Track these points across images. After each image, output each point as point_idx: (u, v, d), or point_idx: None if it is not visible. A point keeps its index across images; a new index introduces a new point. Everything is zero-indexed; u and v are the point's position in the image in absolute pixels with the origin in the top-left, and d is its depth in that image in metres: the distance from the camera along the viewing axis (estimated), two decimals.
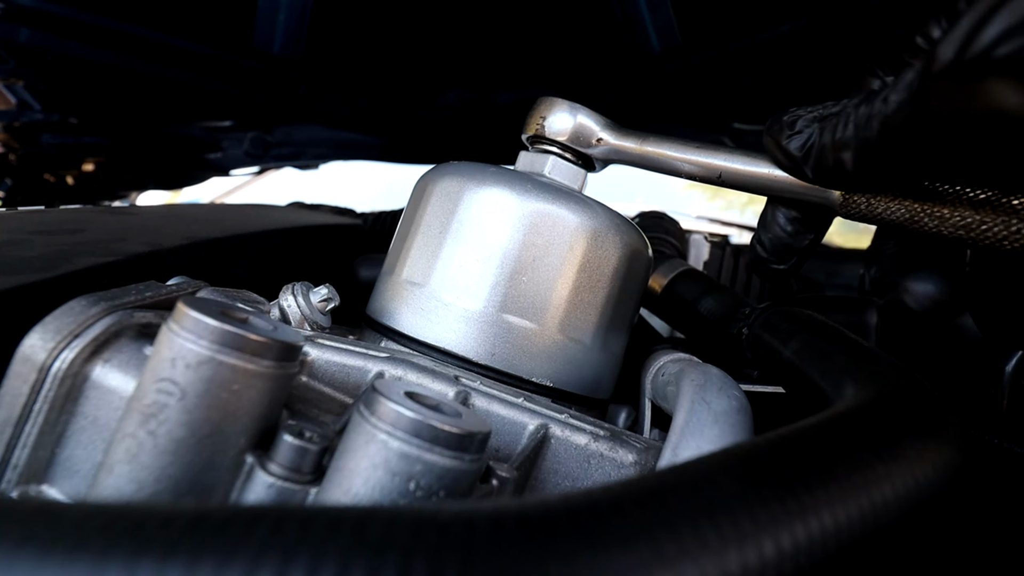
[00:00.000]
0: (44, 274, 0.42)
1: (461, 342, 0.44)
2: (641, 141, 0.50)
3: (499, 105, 1.46)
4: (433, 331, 0.44)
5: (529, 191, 0.45)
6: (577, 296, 0.45)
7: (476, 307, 0.44)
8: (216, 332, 0.26)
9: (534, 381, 0.44)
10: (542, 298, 0.44)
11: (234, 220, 0.72)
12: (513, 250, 0.44)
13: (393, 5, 1.27)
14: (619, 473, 0.37)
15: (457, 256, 0.45)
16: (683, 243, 0.93)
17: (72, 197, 1.55)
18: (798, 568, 0.18)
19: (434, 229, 0.46)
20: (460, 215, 0.45)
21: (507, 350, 0.44)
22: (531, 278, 0.44)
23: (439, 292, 0.45)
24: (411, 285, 0.46)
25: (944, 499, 0.22)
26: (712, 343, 0.59)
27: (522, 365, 0.44)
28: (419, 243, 0.47)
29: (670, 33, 1.18)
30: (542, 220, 0.44)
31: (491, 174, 0.46)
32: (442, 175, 0.48)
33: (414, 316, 0.45)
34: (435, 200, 0.47)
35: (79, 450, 0.30)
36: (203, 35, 1.26)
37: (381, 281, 0.50)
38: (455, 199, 0.46)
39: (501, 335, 0.44)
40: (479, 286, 0.44)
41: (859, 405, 0.26)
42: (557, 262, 0.44)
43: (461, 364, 0.44)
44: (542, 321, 0.44)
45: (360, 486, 0.25)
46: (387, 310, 0.47)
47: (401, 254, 0.48)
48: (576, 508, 0.17)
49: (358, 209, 1.16)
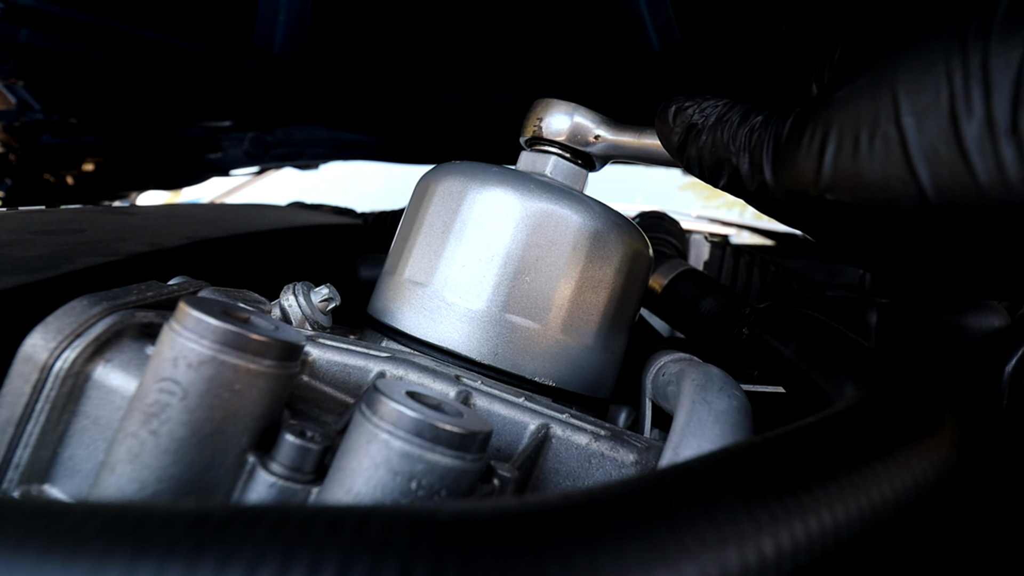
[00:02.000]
0: (45, 274, 0.42)
1: (464, 342, 0.44)
2: (639, 134, 0.50)
3: (498, 105, 1.47)
4: (435, 331, 0.44)
5: (532, 191, 0.45)
6: (579, 296, 0.45)
7: (479, 307, 0.44)
8: (218, 332, 0.26)
9: (536, 380, 0.44)
10: (544, 298, 0.44)
11: (234, 220, 0.72)
12: (516, 250, 0.44)
13: (393, 5, 1.27)
14: (620, 473, 0.37)
15: (460, 256, 0.45)
16: (683, 243, 0.93)
17: (72, 197, 1.56)
18: (797, 567, 0.18)
19: (436, 229, 0.46)
20: (463, 215, 0.45)
21: (509, 350, 0.44)
22: (534, 278, 0.44)
23: (442, 292, 0.45)
24: (413, 284, 0.46)
25: (943, 499, 0.22)
26: (712, 343, 0.59)
27: (524, 365, 0.44)
28: (421, 243, 0.47)
29: (670, 33, 1.18)
30: (545, 220, 0.44)
31: (494, 174, 0.46)
32: (444, 175, 0.48)
33: (416, 316, 0.45)
34: (438, 200, 0.47)
35: (81, 450, 0.30)
36: (203, 35, 1.26)
37: (382, 281, 0.50)
38: (458, 199, 0.46)
39: (504, 335, 0.44)
40: (482, 286, 0.44)
41: (858, 405, 0.26)
42: (560, 262, 0.45)
43: (462, 364, 0.44)
44: (544, 321, 0.44)
45: (362, 485, 0.25)
46: (388, 310, 0.47)
47: (403, 254, 0.48)
48: (576, 507, 0.17)
49: (358, 209, 1.16)
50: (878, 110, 0.28)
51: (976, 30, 0.26)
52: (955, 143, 0.26)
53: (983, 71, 0.25)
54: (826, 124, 0.30)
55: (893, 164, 0.28)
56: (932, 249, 0.30)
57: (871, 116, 0.28)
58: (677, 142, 0.42)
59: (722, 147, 0.37)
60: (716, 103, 0.40)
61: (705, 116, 0.40)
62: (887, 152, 0.28)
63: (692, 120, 0.41)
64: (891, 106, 0.28)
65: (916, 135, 0.27)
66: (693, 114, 0.41)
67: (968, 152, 0.26)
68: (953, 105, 0.26)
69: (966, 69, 0.26)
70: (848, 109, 0.29)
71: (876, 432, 0.23)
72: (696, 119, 0.40)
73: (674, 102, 0.43)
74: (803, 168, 0.31)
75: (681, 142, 0.42)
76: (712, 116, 0.39)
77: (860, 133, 0.29)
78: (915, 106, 0.27)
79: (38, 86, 1.34)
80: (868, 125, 0.28)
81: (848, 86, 0.30)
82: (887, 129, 0.28)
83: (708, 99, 0.41)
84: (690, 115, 0.41)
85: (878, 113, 0.28)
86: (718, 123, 0.39)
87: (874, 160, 0.28)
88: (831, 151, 0.30)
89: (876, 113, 0.28)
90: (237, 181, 1.92)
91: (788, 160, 0.32)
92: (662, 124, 0.43)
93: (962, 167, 0.26)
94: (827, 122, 0.30)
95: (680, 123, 0.42)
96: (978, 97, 0.25)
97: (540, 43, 1.32)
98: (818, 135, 0.30)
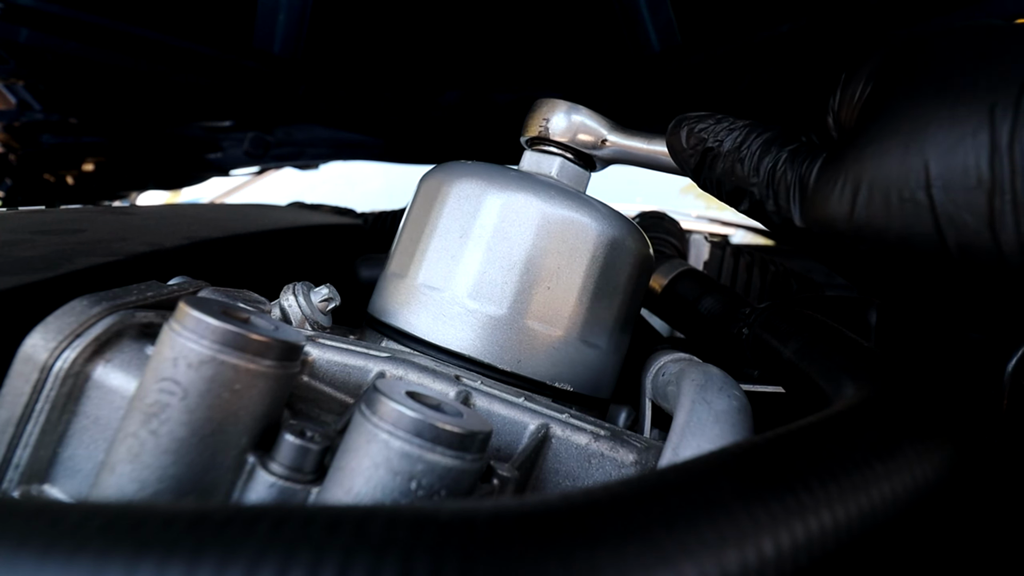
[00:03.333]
0: (45, 274, 0.42)
1: (483, 347, 0.44)
2: (647, 141, 0.50)
3: (498, 105, 1.47)
4: (452, 335, 0.44)
5: (554, 198, 0.45)
6: (596, 302, 0.46)
7: (500, 313, 0.44)
8: (218, 332, 0.26)
9: (535, 380, 0.44)
10: (564, 304, 0.45)
11: (234, 220, 0.72)
12: (538, 257, 0.44)
13: (392, 5, 1.27)
14: (620, 472, 0.37)
15: (481, 261, 0.44)
16: (683, 243, 0.93)
17: (72, 197, 1.56)
18: (797, 567, 0.18)
19: (453, 232, 0.46)
20: (483, 219, 0.45)
21: (530, 356, 0.44)
22: (555, 284, 0.45)
23: (460, 297, 0.44)
24: (429, 289, 0.45)
25: (943, 498, 0.22)
26: (712, 343, 0.59)
27: (526, 365, 0.44)
28: (436, 246, 0.46)
29: (670, 33, 1.18)
30: (567, 228, 0.45)
31: (513, 178, 0.46)
32: (459, 176, 0.47)
33: (430, 320, 0.45)
34: (453, 202, 0.46)
35: (81, 450, 0.30)
36: (203, 35, 1.26)
37: (385, 281, 0.50)
38: (476, 202, 0.45)
39: (526, 341, 0.44)
40: (504, 292, 0.44)
41: (858, 404, 0.26)
42: (580, 270, 0.45)
43: (462, 364, 0.44)
44: (565, 327, 0.45)
45: (362, 485, 0.25)
46: (391, 310, 0.47)
47: (415, 256, 0.47)
48: (576, 507, 0.17)
49: (358, 209, 1.16)
50: (909, 176, 0.30)
51: (1004, 106, 0.27)
52: (982, 216, 0.28)
53: (1010, 150, 0.27)
54: (856, 178, 0.32)
55: (921, 224, 0.30)
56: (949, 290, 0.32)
57: (902, 180, 0.30)
58: (693, 164, 0.43)
59: (743, 178, 0.39)
60: (731, 125, 0.41)
61: (720, 140, 0.41)
62: (916, 215, 0.30)
63: (708, 143, 0.42)
64: (922, 174, 0.29)
65: (945, 204, 0.29)
66: (708, 137, 0.42)
67: (994, 225, 0.28)
68: (980, 179, 0.28)
69: (994, 146, 0.27)
70: (880, 169, 0.31)
71: (876, 432, 0.23)
72: (712, 142, 0.41)
73: (686, 121, 0.43)
74: (833, 215, 0.33)
75: (697, 164, 0.43)
76: (728, 141, 0.41)
77: (890, 193, 0.31)
78: (945, 178, 0.29)
79: (38, 86, 1.34)
80: (898, 188, 0.30)
81: (878, 143, 0.31)
82: (917, 195, 0.30)
83: (722, 119, 0.42)
84: (704, 137, 0.42)
85: (908, 178, 0.30)
86: (737, 151, 0.40)
87: (904, 218, 0.30)
88: (862, 204, 0.32)
89: (907, 178, 0.30)
90: (237, 181, 1.92)
91: (818, 206, 0.34)
92: (675, 142, 0.44)
93: (987, 236, 0.28)
94: (858, 176, 0.32)
95: (694, 144, 0.43)
96: (1006, 175, 0.27)
97: (540, 43, 1.32)
98: (848, 188, 0.32)
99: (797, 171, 0.36)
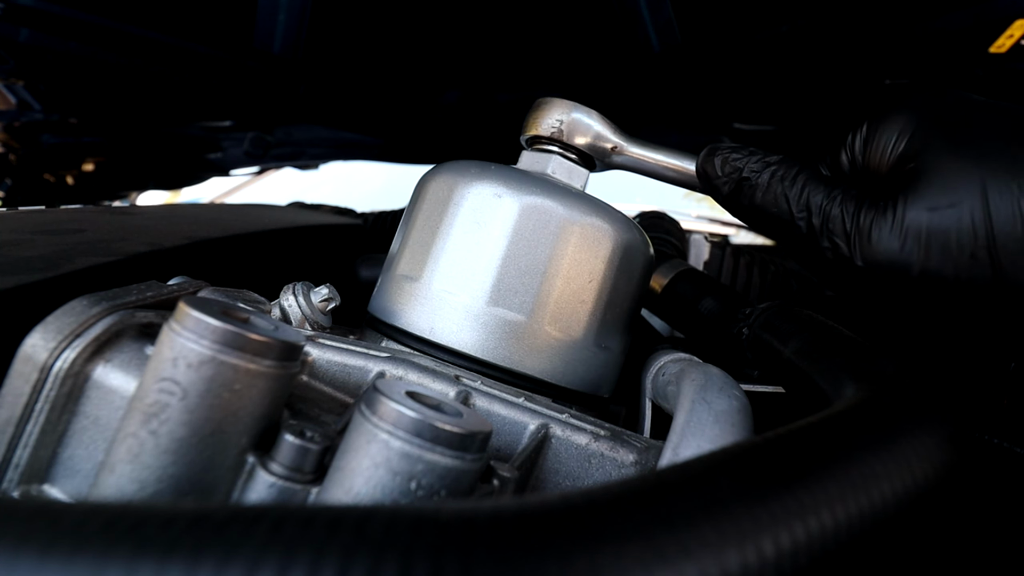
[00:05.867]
0: (45, 274, 0.42)
1: (489, 349, 0.44)
2: (656, 151, 0.51)
3: (498, 104, 1.47)
4: (459, 336, 0.44)
5: (574, 204, 0.45)
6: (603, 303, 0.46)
7: (518, 318, 0.44)
8: (218, 332, 0.26)
9: (535, 377, 0.44)
10: (579, 304, 0.45)
11: (234, 220, 0.72)
12: (557, 262, 0.44)
13: (392, 5, 1.27)
14: (620, 472, 0.37)
15: (498, 266, 0.44)
16: (683, 243, 0.93)
17: (72, 197, 1.56)
18: (797, 566, 0.18)
19: (471, 237, 0.45)
20: (502, 225, 0.45)
21: (537, 357, 0.44)
22: (565, 286, 0.45)
23: (478, 302, 0.44)
24: (445, 293, 0.45)
25: (943, 498, 0.22)
26: (712, 343, 0.59)
27: (533, 366, 0.44)
28: (452, 249, 0.45)
29: (670, 33, 1.18)
30: (588, 234, 0.45)
31: (532, 183, 0.46)
32: (475, 178, 0.47)
33: (438, 320, 0.45)
34: (470, 205, 0.46)
35: (80, 450, 0.30)
36: (203, 35, 1.26)
37: (390, 282, 0.49)
38: (494, 206, 0.45)
39: (540, 345, 0.44)
40: (525, 297, 0.44)
41: (858, 404, 0.26)
42: (597, 274, 0.45)
43: (462, 364, 0.44)
44: (580, 331, 0.45)
45: (361, 485, 0.25)
46: (388, 308, 0.47)
47: (429, 259, 0.46)
48: (576, 507, 0.17)
49: (358, 209, 1.16)
50: (967, 235, 0.35)
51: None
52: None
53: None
54: (916, 233, 0.36)
55: (980, 271, 0.35)
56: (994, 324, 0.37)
57: (961, 238, 0.35)
58: (727, 191, 0.45)
59: (785, 213, 0.42)
60: (765, 158, 0.43)
61: (756, 171, 0.43)
62: (978, 267, 0.35)
63: (743, 173, 0.44)
64: (984, 236, 0.35)
65: (1004, 260, 0.34)
66: (742, 167, 0.44)
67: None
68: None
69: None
70: (939, 227, 0.36)
71: (876, 432, 0.23)
72: (747, 173, 0.43)
73: (719, 151, 0.45)
74: (895, 263, 0.37)
75: (732, 193, 0.45)
76: (765, 173, 0.43)
77: (951, 247, 0.35)
78: (1000, 238, 0.34)
79: (38, 86, 1.34)
80: (958, 244, 0.35)
81: (931, 202, 0.36)
82: (979, 253, 0.35)
83: (754, 152, 0.44)
84: (739, 167, 0.44)
85: (970, 236, 0.35)
86: (774, 185, 0.42)
87: (969, 269, 0.35)
88: (922, 257, 0.36)
89: (966, 236, 0.35)
90: (237, 181, 1.92)
91: (878, 254, 0.38)
92: (709, 169, 0.46)
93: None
94: (917, 231, 0.36)
95: (729, 172, 0.44)
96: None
97: (540, 43, 1.32)
98: (910, 242, 0.36)
99: (853, 219, 0.39)
